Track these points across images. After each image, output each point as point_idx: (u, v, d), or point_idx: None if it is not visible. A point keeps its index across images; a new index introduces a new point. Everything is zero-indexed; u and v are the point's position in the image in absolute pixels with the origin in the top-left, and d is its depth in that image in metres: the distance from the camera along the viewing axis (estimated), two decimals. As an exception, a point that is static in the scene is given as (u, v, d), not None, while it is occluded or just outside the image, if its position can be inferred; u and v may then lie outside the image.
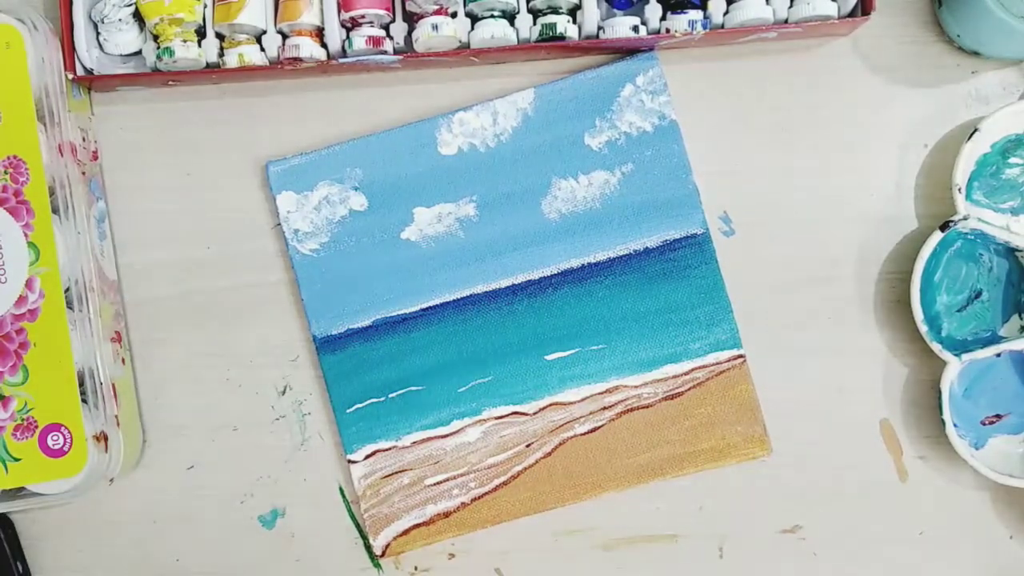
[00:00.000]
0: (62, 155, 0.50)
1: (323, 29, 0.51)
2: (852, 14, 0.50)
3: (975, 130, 0.49)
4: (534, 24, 0.51)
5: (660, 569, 0.53)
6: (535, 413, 0.52)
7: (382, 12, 0.50)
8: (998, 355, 0.50)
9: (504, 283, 0.52)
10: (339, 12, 0.50)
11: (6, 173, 0.49)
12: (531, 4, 0.51)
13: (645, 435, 0.52)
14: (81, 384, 0.49)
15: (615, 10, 0.52)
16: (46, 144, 0.49)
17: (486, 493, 0.52)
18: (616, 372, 0.52)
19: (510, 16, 0.51)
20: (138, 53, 0.52)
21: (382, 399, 0.52)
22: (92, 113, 0.54)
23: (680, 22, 0.50)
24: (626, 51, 0.53)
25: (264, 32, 0.51)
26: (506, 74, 0.54)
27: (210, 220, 0.54)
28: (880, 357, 0.53)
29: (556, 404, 0.52)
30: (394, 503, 0.52)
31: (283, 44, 0.51)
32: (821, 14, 0.50)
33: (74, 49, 0.51)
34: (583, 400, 0.52)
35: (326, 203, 0.53)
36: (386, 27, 0.52)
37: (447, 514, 0.52)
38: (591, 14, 0.50)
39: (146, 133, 0.54)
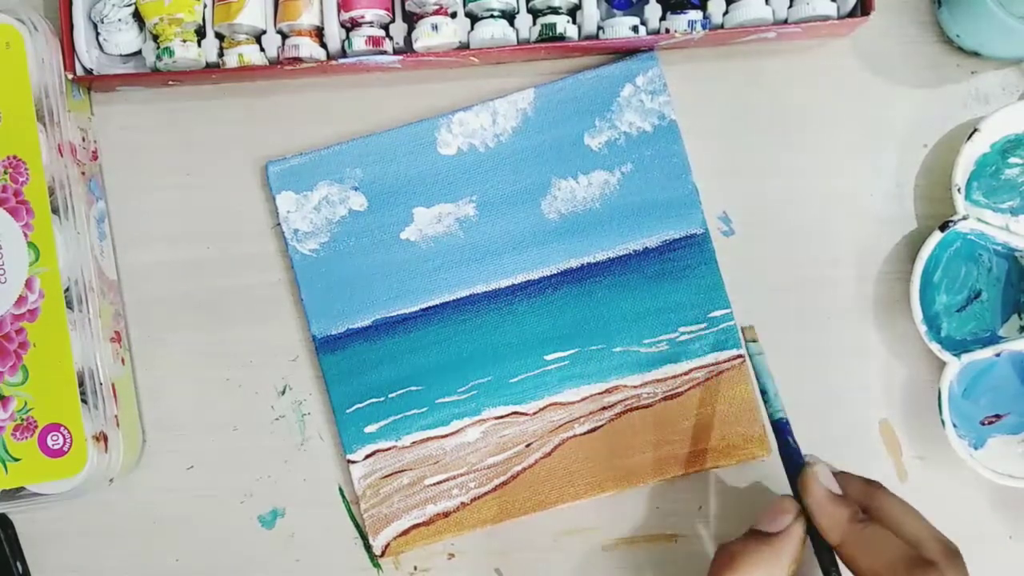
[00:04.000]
0: (62, 155, 0.50)
1: (323, 29, 0.51)
2: (851, 14, 0.50)
3: (975, 130, 0.49)
4: (534, 24, 0.51)
5: (660, 569, 0.53)
6: (535, 413, 0.52)
7: (382, 12, 0.51)
8: (997, 355, 0.51)
9: (504, 283, 0.52)
10: (339, 12, 0.50)
11: (6, 173, 0.49)
12: (531, 4, 0.51)
13: (645, 435, 0.52)
14: (81, 384, 0.49)
15: (615, 10, 0.52)
16: (46, 144, 0.50)
17: (486, 493, 0.52)
18: (616, 372, 0.52)
19: (510, 16, 0.51)
20: (138, 53, 0.52)
21: (382, 399, 0.52)
22: (92, 113, 0.54)
23: (680, 22, 0.50)
24: (626, 51, 0.53)
25: (264, 32, 0.51)
26: (506, 74, 0.54)
27: (210, 220, 0.54)
28: (880, 357, 0.53)
29: (556, 404, 0.52)
30: (394, 503, 0.52)
31: (283, 44, 0.51)
32: (820, 14, 0.50)
33: (74, 49, 0.51)
34: (583, 400, 0.52)
35: (326, 203, 0.53)
36: (386, 27, 0.52)
37: (447, 514, 0.52)
38: (591, 14, 0.50)
39: (146, 133, 0.54)
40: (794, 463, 0.45)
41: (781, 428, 0.46)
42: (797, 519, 0.44)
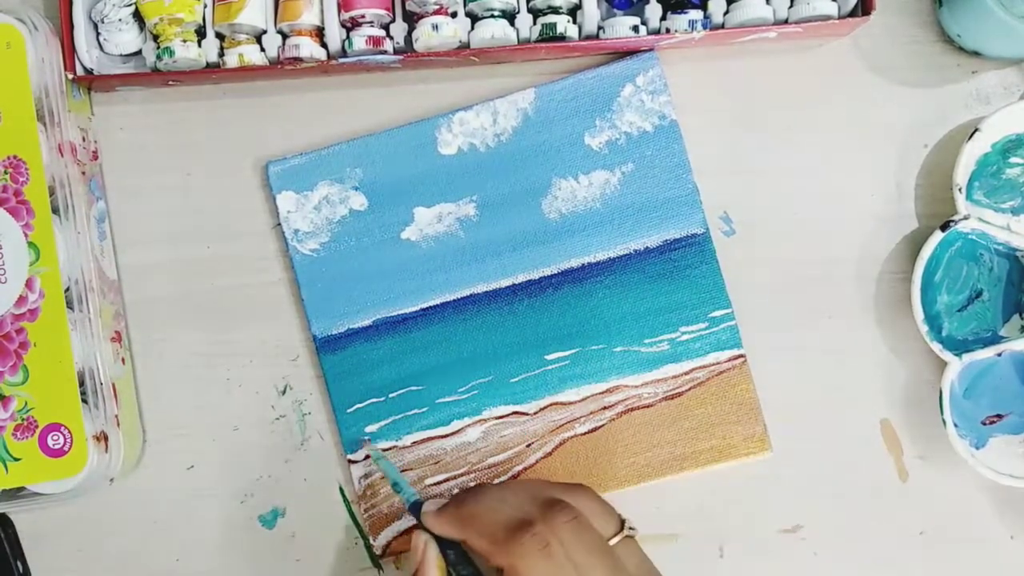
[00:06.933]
0: (62, 155, 0.50)
1: (323, 29, 0.51)
2: (852, 14, 0.50)
3: (975, 130, 0.49)
4: (534, 24, 0.51)
5: (660, 569, 0.53)
6: (535, 413, 0.52)
7: (382, 12, 0.51)
8: (999, 355, 0.50)
9: (504, 283, 0.52)
10: (339, 12, 0.50)
11: (6, 173, 0.49)
12: (531, 4, 0.51)
13: (645, 435, 0.52)
14: (81, 384, 0.49)
15: (615, 10, 0.52)
16: (46, 144, 0.49)
17: (486, 493, 0.52)
18: (616, 372, 0.52)
19: (510, 16, 0.51)
20: (138, 53, 0.52)
21: (382, 399, 0.52)
22: (92, 113, 0.54)
23: (680, 22, 0.50)
24: (626, 51, 0.53)
25: (264, 32, 0.51)
26: (506, 74, 0.54)
27: (210, 220, 0.54)
28: (880, 357, 0.53)
29: (556, 404, 0.52)
30: (394, 503, 0.52)
31: (283, 44, 0.51)
32: (821, 14, 0.50)
33: (74, 49, 0.51)
34: (583, 400, 0.52)
35: (326, 203, 0.53)
36: (386, 27, 0.52)
37: (447, 514, 0.52)
38: (591, 14, 0.50)
39: (146, 133, 0.54)
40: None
41: (416, 508, 0.47)
42: (427, 546, 0.45)
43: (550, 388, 0.52)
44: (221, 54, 0.51)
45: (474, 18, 0.51)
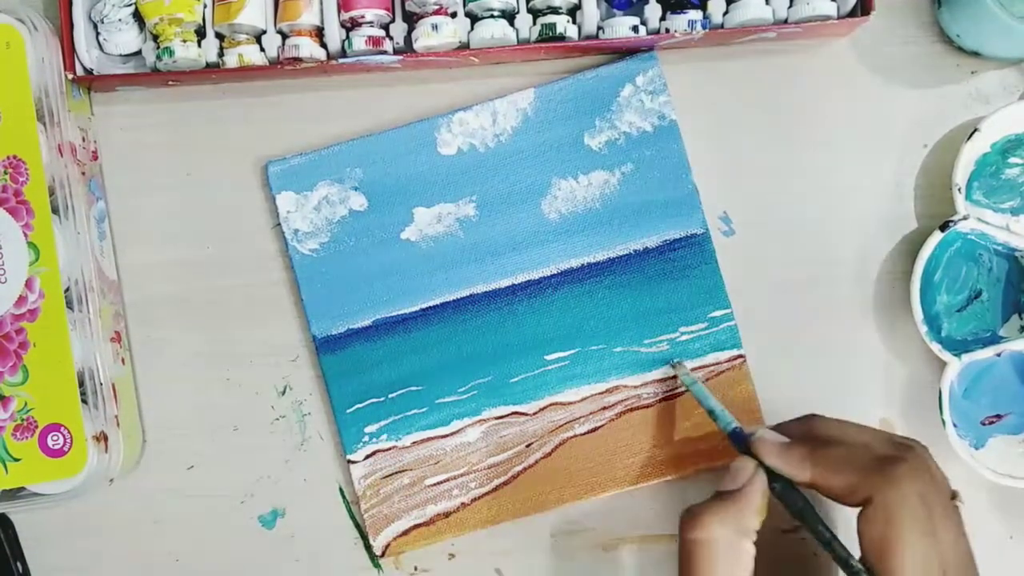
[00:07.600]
0: (62, 155, 0.50)
1: (323, 29, 0.51)
2: (852, 14, 0.50)
3: (975, 130, 0.49)
4: (534, 24, 0.51)
5: (660, 569, 0.53)
6: (535, 413, 0.52)
7: (382, 12, 0.51)
8: (998, 355, 0.51)
9: (504, 283, 0.52)
10: (339, 12, 0.50)
11: (6, 173, 0.49)
12: (531, 4, 0.51)
13: (645, 435, 0.52)
14: (81, 384, 0.49)
15: (615, 10, 0.52)
16: (46, 144, 0.50)
17: (486, 493, 0.52)
18: (616, 372, 0.52)
19: (510, 16, 0.51)
20: (138, 53, 0.52)
21: (382, 399, 0.52)
22: (92, 113, 0.54)
23: (680, 22, 0.50)
24: (626, 51, 0.53)
25: (264, 32, 0.51)
26: (506, 74, 0.54)
27: (210, 220, 0.54)
28: (880, 357, 0.53)
29: (556, 404, 0.52)
30: (394, 503, 0.52)
31: (283, 44, 0.51)
32: (820, 14, 0.50)
33: (74, 49, 0.51)
34: (583, 400, 0.52)
35: (326, 203, 0.53)
36: (386, 27, 0.52)
37: (447, 514, 0.52)
38: (591, 14, 0.50)
39: (146, 133, 0.54)
40: (745, 442, 0.46)
41: (738, 435, 0.46)
42: (756, 473, 0.44)
43: (550, 388, 0.52)
44: (221, 54, 0.51)
45: (474, 18, 0.51)
